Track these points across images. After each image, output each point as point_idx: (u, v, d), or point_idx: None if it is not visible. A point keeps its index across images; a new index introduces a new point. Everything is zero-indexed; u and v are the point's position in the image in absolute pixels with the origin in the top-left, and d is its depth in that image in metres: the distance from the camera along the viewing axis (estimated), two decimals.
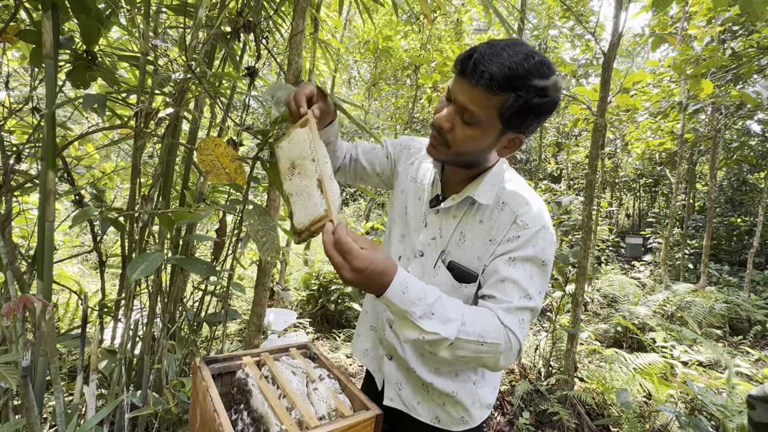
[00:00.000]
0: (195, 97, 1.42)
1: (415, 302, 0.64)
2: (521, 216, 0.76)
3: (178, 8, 1.26)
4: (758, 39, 4.08)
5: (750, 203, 8.02)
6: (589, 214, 2.37)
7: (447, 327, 0.65)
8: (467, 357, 0.68)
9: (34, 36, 1.08)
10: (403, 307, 0.63)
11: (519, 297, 0.71)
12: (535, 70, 0.64)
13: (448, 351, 0.67)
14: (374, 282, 0.62)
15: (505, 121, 0.69)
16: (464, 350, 0.67)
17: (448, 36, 5.00)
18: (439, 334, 0.64)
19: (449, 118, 0.71)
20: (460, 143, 0.72)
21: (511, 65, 0.63)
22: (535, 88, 0.65)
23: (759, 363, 3.36)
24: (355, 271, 0.60)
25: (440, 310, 0.66)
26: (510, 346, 0.68)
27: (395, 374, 0.92)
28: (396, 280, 0.63)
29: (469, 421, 0.89)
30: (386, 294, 0.63)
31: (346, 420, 0.56)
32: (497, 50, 0.64)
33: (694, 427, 1.60)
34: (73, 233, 3.61)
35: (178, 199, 1.47)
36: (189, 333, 1.43)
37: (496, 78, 0.63)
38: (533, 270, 0.74)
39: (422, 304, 0.64)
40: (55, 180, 0.99)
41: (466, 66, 0.66)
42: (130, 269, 0.90)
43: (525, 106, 0.66)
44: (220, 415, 0.52)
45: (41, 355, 0.99)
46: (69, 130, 1.69)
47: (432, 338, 0.65)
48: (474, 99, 0.67)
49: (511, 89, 0.64)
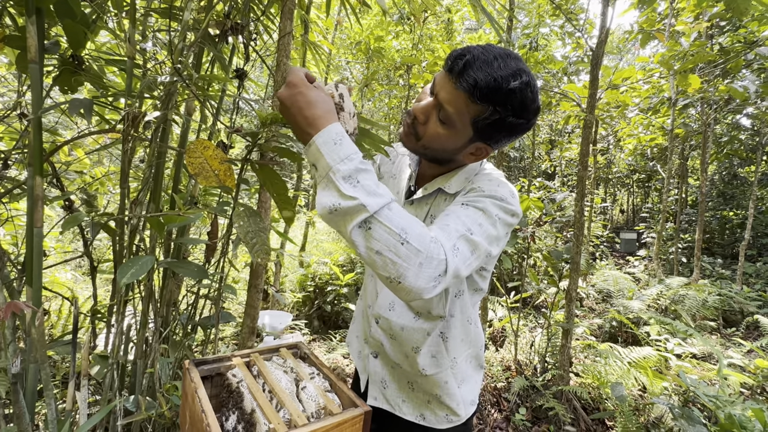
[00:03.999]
0: (185, 101, 1.42)
1: (344, 159, 0.56)
2: (481, 186, 0.75)
3: (164, 11, 1.26)
4: (745, 34, 4.14)
5: (741, 197, 8.11)
6: (581, 210, 2.39)
7: (371, 198, 0.56)
8: (382, 256, 0.56)
9: (19, 41, 1.07)
10: (329, 160, 0.56)
11: (459, 226, 0.65)
12: (518, 90, 0.64)
13: (362, 234, 0.56)
14: (303, 111, 0.58)
15: (477, 130, 0.70)
16: (380, 241, 0.55)
17: (439, 35, 5.02)
18: (357, 199, 0.54)
19: (425, 111, 0.72)
20: (429, 138, 0.73)
21: (498, 78, 0.63)
22: (513, 108, 0.65)
23: (752, 354, 3.40)
24: (288, 86, 0.60)
25: (368, 180, 0.57)
26: (435, 262, 0.57)
27: (380, 372, 0.92)
28: (332, 128, 0.57)
29: (455, 420, 0.89)
30: (316, 138, 0.57)
31: (335, 417, 0.57)
32: (489, 58, 0.64)
33: (686, 418, 1.62)
34: (66, 239, 3.59)
35: (169, 202, 1.46)
36: (182, 336, 1.43)
37: (479, 87, 0.64)
38: (482, 218, 0.68)
39: (350, 164, 0.56)
40: (42, 185, 0.99)
41: (455, 65, 0.66)
42: (120, 273, 0.90)
43: (499, 121, 0.67)
44: (207, 416, 0.53)
45: (32, 362, 0.99)
46: (58, 136, 1.69)
47: (348, 204, 0.55)
48: (453, 100, 0.67)
49: (490, 102, 0.65)
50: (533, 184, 5.80)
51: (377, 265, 0.57)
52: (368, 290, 0.98)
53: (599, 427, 2.28)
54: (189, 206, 1.32)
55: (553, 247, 3.63)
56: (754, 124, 6.44)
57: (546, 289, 3.15)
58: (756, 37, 4.04)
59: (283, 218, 1.09)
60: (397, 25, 4.86)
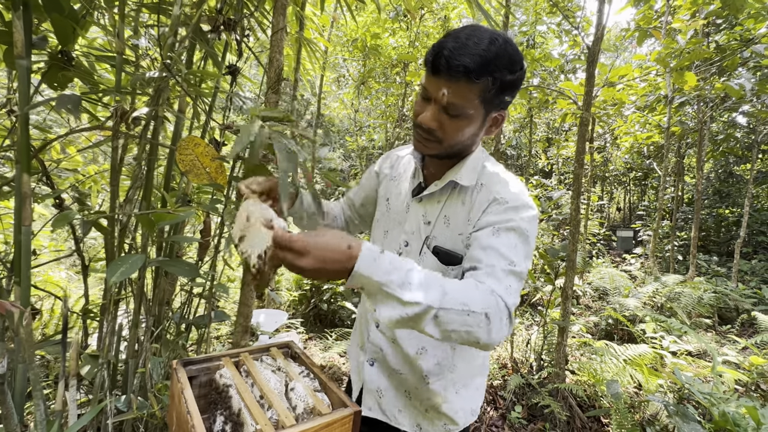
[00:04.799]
0: (178, 97, 1.40)
1: (390, 271, 0.58)
2: (499, 193, 0.77)
3: (154, 6, 1.24)
4: (741, 32, 4.14)
5: (737, 194, 8.15)
6: (577, 207, 2.39)
7: (429, 294, 0.59)
8: (457, 332, 0.60)
9: (6, 36, 1.05)
10: (377, 278, 0.57)
11: (503, 263, 0.69)
12: (502, 51, 0.69)
13: (435, 326, 0.59)
14: (333, 257, 0.56)
15: (486, 103, 0.72)
16: (452, 323, 0.59)
17: (436, 33, 5.00)
18: (420, 303, 0.57)
19: (435, 117, 0.73)
20: (452, 136, 0.75)
21: (482, 53, 0.67)
22: (506, 67, 0.70)
23: (746, 351, 3.42)
24: (300, 253, 0.55)
25: (418, 277, 0.60)
26: (499, 312, 0.62)
27: (376, 381, 0.90)
28: (365, 249, 0.58)
29: (453, 429, 0.88)
30: (357, 266, 0.57)
31: (323, 418, 0.56)
32: (463, 42, 0.68)
33: (681, 415, 1.62)
34: (60, 237, 3.56)
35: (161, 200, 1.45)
36: (175, 336, 1.42)
37: (472, 69, 0.67)
38: (516, 240, 0.72)
39: (399, 271, 0.59)
40: (30, 183, 0.97)
41: (438, 63, 0.69)
42: (109, 272, 0.88)
43: (501, 85, 0.71)
44: (193, 417, 0.52)
45: (20, 362, 0.97)
46: (50, 133, 1.67)
47: (414, 311, 0.58)
48: (456, 92, 0.69)
49: (486, 74, 0.68)
50: (530, 183, 5.81)
51: (453, 340, 0.62)
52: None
53: (595, 424, 2.29)
54: (181, 204, 1.30)
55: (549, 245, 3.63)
56: (750, 121, 6.47)
57: (542, 287, 3.15)
58: (752, 34, 4.05)
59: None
60: (393, 23, 4.84)
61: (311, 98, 4.96)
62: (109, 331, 1.12)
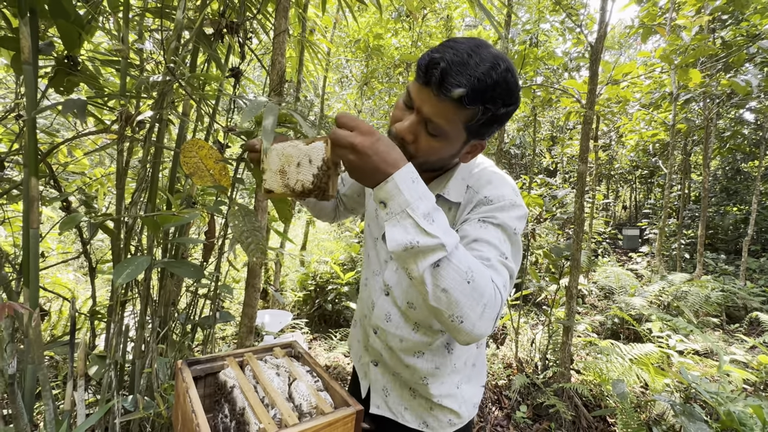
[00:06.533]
0: (182, 100, 1.42)
1: (421, 196, 0.57)
2: (485, 194, 0.73)
3: (157, 11, 1.26)
4: (747, 27, 4.10)
5: (745, 192, 8.05)
6: (581, 206, 2.38)
7: (447, 237, 0.56)
8: (448, 294, 0.57)
9: (14, 42, 1.07)
10: (407, 195, 0.56)
11: (496, 255, 0.66)
12: (502, 80, 0.62)
13: (431, 273, 0.56)
14: (384, 155, 0.57)
15: (470, 131, 0.67)
16: (449, 280, 0.56)
17: (438, 33, 4.99)
18: (438, 238, 0.55)
19: (412, 129, 0.67)
20: (424, 154, 0.69)
21: (480, 77, 0.60)
22: (502, 99, 0.64)
23: (755, 350, 3.38)
24: (365, 134, 0.56)
25: (442, 218, 0.59)
26: (495, 306, 0.60)
27: (381, 380, 0.91)
28: (409, 167, 0.58)
29: (457, 423, 0.89)
30: (395, 175, 0.56)
31: (326, 417, 0.57)
32: (464, 58, 0.61)
33: (687, 414, 1.61)
34: (67, 240, 3.60)
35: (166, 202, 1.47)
36: (181, 336, 1.43)
37: (465, 92, 0.61)
38: (504, 236, 0.69)
39: (429, 202, 0.58)
40: (38, 187, 0.99)
41: (431, 75, 0.62)
42: (115, 273, 0.90)
43: (491, 117, 0.65)
44: (198, 416, 0.52)
45: (30, 362, 0.99)
46: (56, 137, 1.69)
47: (427, 242, 0.55)
48: (440, 112, 0.64)
49: (479, 102, 0.62)
50: (534, 182, 5.78)
51: (442, 303, 0.58)
52: (364, 300, 0.95)
53: (600, 424, 2.28)
54: (186, 206, 1.32)
55: (554, 244, 3.61)
56: (758, 118, 6.39)
57: (547, 287, 3.14)
58: (758, 30, 4.01)
59: (279, 217, 1.09)
60: (396, 23, 4.85)
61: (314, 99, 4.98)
62: (116, 332, 1.13)
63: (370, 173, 0.58)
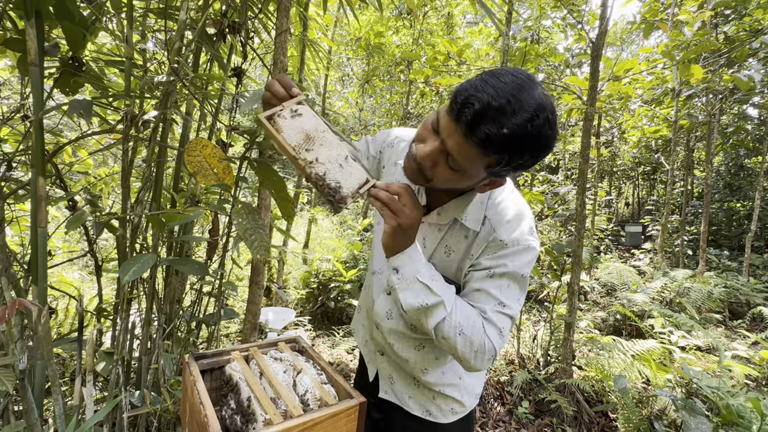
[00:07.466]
0: (185, 100, 1.43)
1: (425, 264, 0.72)
2: (501, 236, 0.73)
3: (161, 12, 1.27)
4: (750, 22, 4.07)
5: (748, 188, 8.01)
6: (583, 203, 2.38)
7: (446, 293, 0.71)
8: (447, 340, 0.71)
9: (20, 44, 1.09)
10: (418, 266, 0.71)
11: (493, 306, 0.73)
12: (536, 133, 0.57)
13: (437, 325, 0.71)
14: (412, 236, 0.70)
15: (492, 173, 0.65)
16: (447, 331, 0.70)
17: (439, 30, 4.99)
18: (440, 297, 0.69)
19: (433, 157, 0.64)
20: (440, 181, 0.68)
21: (514, 129, 0.55)
22: (531, 151, 0.59)
23: (757, 346, 3.38)
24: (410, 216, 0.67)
25: (440, 278, 0.73)
26: (484, 349, 0.71)
27: (387, 369, 0.94)
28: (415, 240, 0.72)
29: (460, 411, 0.91)
30: (410, 249, 0.71)
31: (330, 408, 0.58)
32: (501, 104, 0.55)
33: (688, 409, 1.62)
34: (73, 239, 3.63)
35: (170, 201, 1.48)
36: (186, 333, 1.45)
37: (493, 143, 0.56)
38: (510, 282, 0.74)
39: (429, 267, 0.72)
40: (45, 186, 1.00)
41: (463, 114, 0.57)
42: (122, 271, 0.92)
43: (517, 165, 0.61)
44: (205, 408, 0.54)
45: (39, 358, 1.01)
46: (62, 137, 1.71)
47: (434, 301, 0.69)
48: (464, 152, 0.60)
49: (506, 153, 0.58)
50: (537, 178, 5.77)
51: (443, 345, 0.73)
52: (367, 294, 0.99)
53: (602, 419, 2.29)
54: (190, 204, 1.33)
55: (556, 241, 3.62)
56: (761, 114, 6.36)
57: (549, 283, 3.15)
58: (761, 25, 3.99)
59: (282, 215, 1.11)
60: (397, 21, 4.84)
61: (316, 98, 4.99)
62: (122, 329, 1.15)
63: (394, 244, 0.70)
